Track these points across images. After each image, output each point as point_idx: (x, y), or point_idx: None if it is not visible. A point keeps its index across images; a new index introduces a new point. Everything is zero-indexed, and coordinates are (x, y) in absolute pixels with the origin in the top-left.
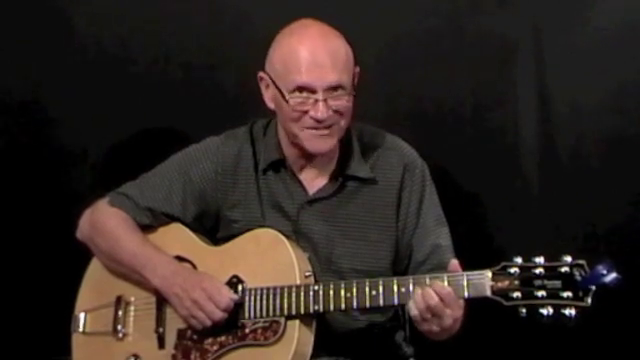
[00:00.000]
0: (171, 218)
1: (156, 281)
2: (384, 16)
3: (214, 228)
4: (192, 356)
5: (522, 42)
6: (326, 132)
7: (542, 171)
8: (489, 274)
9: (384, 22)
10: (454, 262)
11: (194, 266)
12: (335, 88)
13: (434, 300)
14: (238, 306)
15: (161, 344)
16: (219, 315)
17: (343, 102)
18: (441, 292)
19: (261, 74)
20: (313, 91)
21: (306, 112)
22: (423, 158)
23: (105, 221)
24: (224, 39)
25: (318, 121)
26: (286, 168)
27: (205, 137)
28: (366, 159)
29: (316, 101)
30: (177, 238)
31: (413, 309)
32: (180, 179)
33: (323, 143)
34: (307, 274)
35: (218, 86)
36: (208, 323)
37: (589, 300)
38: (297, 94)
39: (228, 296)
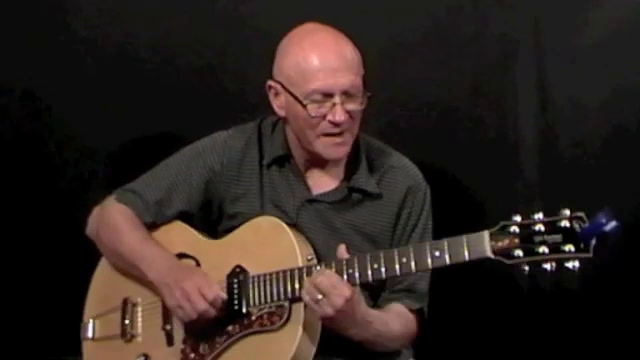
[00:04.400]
0: (176, 213)
1: (151, 275)
2: (383, 16)
3: (217, 220)
4: (201, 349)
5: (522, 42)
6: (340, 140)
7: (542, 171)
8: (488, 234)
9: (384, 22)
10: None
11: (197, 262)
12: (350, 91)
13: (318, 278)
14: (243, 295)
15: (169, 341)
16: (204, 306)
17: (357, 105)
18: (324, 272)
19: (270, 82)
20: (330, 95)
21: (324, 117)
22: (422, 157)
23: (109, 216)
24: (225, 38)
25: (336, 125)
26: (291, 164)
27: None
28: (372, 174)
29: (334, 105)
30: (179, 235)
31: (304, 294)
32: (187, 171)
33: (338, 150)
34: (309, 257)
35: (220, 85)
36: (194, 315)
37: (591, 251)
38: (314, 99)
39: (218, 292)
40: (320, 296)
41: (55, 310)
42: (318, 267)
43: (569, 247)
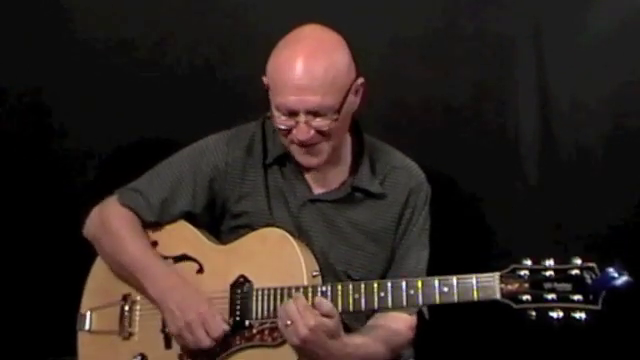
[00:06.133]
0: (180, 213)
1: (153, 291)
2: (384, 16)
3: (219, 219)
4: (199, 357)
5: (522, 42)
6: (311, 150)
7: (542, 171)
8: (498, 277)
9: (384, 22)
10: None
11: (200, 265)
12: (319, 111)
13: (289, 304)
14: (245, 307)
15: (168, 344)
16: (208, 343)
17: (326, 124)
18: (297, 298)
19: (264, 78)
20: (295, 113)
21: (290, 131)
22: (423, 158)
23: (111, 221)
24: (227, 38)
25: (301, 142)
26: (292, 164)
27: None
28: (375, 174)
29: (297, 122)
30: (183, 236)
31: (278, 317)
32: (190, 169)
33: (310, 159)
34: (314, 274)
35: (221, 85)
36: (194, 347)
37: (599, 303)
38: (281, 113)
39: (222, 326)
40: (289, 322)
41: (53, 310)
42: (324, 288)
43: (578, 297)
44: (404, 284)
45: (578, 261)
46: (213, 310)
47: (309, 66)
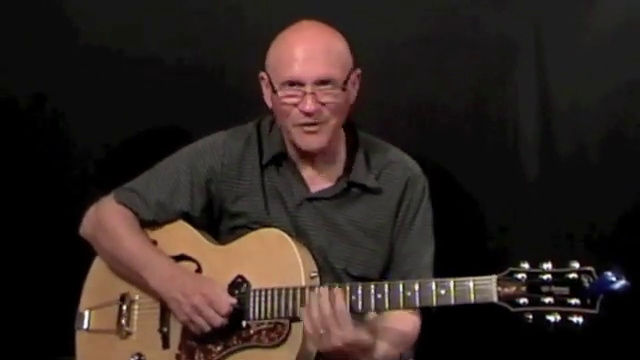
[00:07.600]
0: (178, 213)
1: (154, 283)
2: (384, 15)
3: (218, 220)
4: (196, 356)
5: (522, 42)
6: (315, 129)
7: (542, 171)
8: (495, 280)
9: (384, 21)
10: None
11: (199, 265)
12: (324, 82)
13: (326, 310)
14: (243, 307)
15: (165, 344)
16: (219, 321)
17: (332, 97)
18: (336, 304)
19: (261, 73)
20: (302, 84)
21: (295, 105)
22: (423, 158)
23: (107, 219)
24: (226, 39)
25: (307, 114)
26: (288, 163)
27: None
28: (371, 169)
29: (304, 94)
30: (182, 236)
31: (306, 321)
32: (187, 170)
33: (312, 140)
34: (312, 275)
35: (220, 86)
36: (207, 329)
37: (597, 307)
38: (287, 87)
39: (228, 301)
40: (322, 331)
41: (51, 309)
42: (321, 287)
43: (575, 301)
44: (401, 286)
45: (576, 265)
46: (217, 288)
47: (320, 41)
